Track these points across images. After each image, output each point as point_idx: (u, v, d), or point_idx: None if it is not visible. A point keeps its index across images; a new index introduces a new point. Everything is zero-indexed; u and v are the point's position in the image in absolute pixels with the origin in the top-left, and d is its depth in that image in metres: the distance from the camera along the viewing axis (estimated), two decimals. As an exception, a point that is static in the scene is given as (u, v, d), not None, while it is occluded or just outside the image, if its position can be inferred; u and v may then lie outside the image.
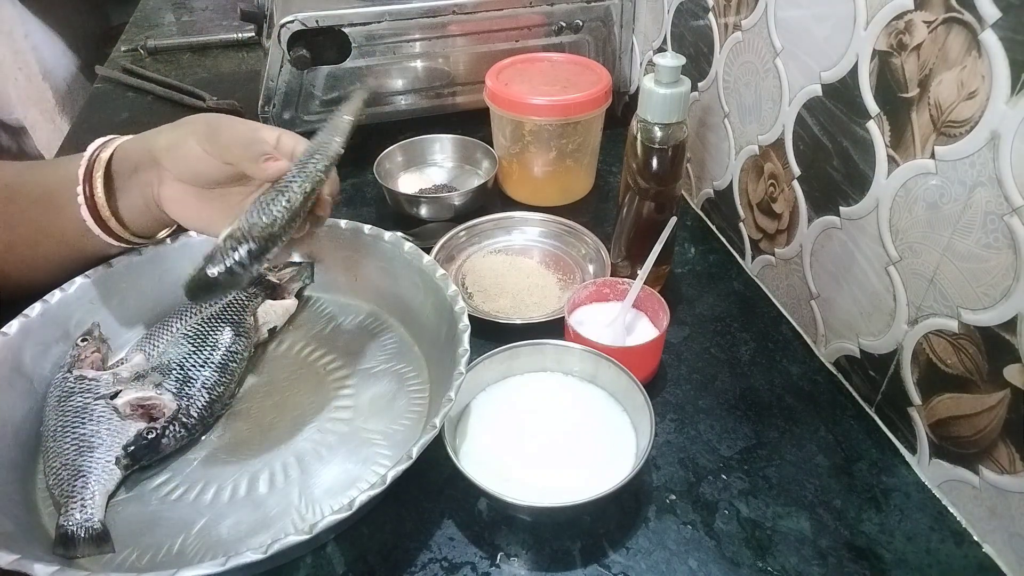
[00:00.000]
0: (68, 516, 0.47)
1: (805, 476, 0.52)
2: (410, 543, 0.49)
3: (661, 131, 0.58)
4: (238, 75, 1.10)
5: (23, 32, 1.42)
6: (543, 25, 0.86)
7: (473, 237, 0.74)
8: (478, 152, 0.85)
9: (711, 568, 0.47)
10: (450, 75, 0.87)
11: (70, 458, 0.49)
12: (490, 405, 0.55)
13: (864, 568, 0.47)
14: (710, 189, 0.77)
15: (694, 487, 0.52)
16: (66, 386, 0.53)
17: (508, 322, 0.63)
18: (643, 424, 0.50)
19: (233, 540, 0.48)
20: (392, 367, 0.60)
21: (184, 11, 1.35)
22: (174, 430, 0.52)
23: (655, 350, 0.58)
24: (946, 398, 0.48)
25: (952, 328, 0.47)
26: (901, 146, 0.49)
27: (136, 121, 0.99)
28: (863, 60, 0.51)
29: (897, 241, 0.51)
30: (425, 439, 0.45)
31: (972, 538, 0.48)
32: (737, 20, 0.66)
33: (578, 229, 0.73)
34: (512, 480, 0.49)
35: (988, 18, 0.41)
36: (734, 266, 0.73)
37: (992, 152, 0.42)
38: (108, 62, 1.15)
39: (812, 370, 0.61)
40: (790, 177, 0.62)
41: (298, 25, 0.76)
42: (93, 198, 0.55)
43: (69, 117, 1.48)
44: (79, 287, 0.58)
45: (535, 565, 0.48)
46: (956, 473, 0.49)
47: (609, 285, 0.62)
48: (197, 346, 0.57)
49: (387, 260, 0.63)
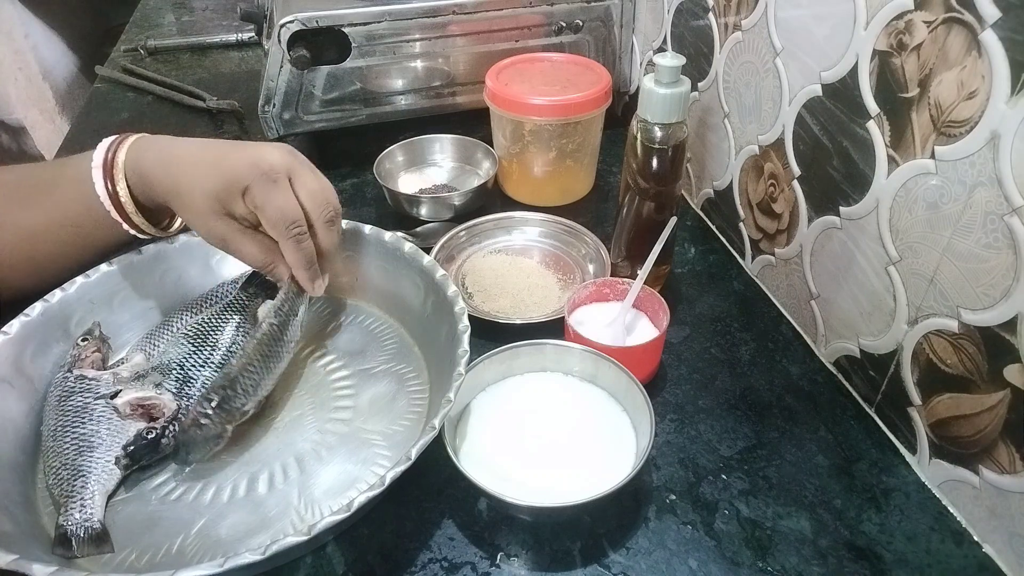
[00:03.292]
0: (67, 516, 0.47)
1: (805, 476, 0.52)
2: (410, 543, 0.49)
3: (661, 131, 0.58)
4: (238, 75, 1.10)
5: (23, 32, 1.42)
6: (543, 25, 0.86)
7: (473, 237, 0.74)
8: (478, 152, 0.85)
9: (711, 568, 0.47)
10: (450, 75, 0.87)
11: (70, 458, 0.49)
12: (490, 405, 0.55)
13: (864, 568, 0.47)
14: (710, 189, 0.77)
15: (694, 487, 0.52)
16: (66, 386, 0.53)
17: (508, 322, 0.63)
18: (643, 424, 0.50)
19: (232, 540, 0.48)
20: (392, 367, 0.60)
21: (184, 11, 1.35)
22: (174, 430, 0.52)
23: (655, 350, 0.58)
24: (946, 398, 0.48)
25: (952, 328, 0.47)
26: (901, 146, 0.49)
27: (136, 121, 0.99)
28: (863, 60, 0.51)
29: (897, 241, 0.51)
30: (424, 440, 0.45)
31: (972, 538, 0.48)
32: (737, 20, 0.66)
33: (578, 229, 0.73)
34: (512, 480, 0.49)
35: (988, 18, 0.40)
36: (734, 266, 0.73)
37: (992, 152, 0.41)
38: (108, 62, 1.15)
39: (812, 370, 0.61)
40: (790, 177, 0.62)
41: (298, 25, 0.76)
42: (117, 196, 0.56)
43: (69, 117, 1.48)
44: (79, 287, 0.58)
45: (535, 565, 0.47)
46: (956, 473, 0.49)
47: (609, 285, 0.62)
48: (197, 346, 0.57)
49: (387, 260, 0.63)
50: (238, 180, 0.52)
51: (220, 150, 0.54)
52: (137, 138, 0.58)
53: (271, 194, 0.52)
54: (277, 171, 0.52)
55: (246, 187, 0.52)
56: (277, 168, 0.52)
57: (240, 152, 0.53)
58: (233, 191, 0.52)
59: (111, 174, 0.56)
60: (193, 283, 0.64)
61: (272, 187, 0.52)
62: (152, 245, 0.62)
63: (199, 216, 0.54)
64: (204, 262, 0.65)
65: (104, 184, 0.56)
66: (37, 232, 0.58)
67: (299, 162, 0.54)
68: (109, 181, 0.56)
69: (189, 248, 0.64)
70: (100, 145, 0.57)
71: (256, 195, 0.52)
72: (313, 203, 0.53)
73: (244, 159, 0.52)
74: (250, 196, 0.52)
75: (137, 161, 0.56)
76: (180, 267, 0.64)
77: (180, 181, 0.54)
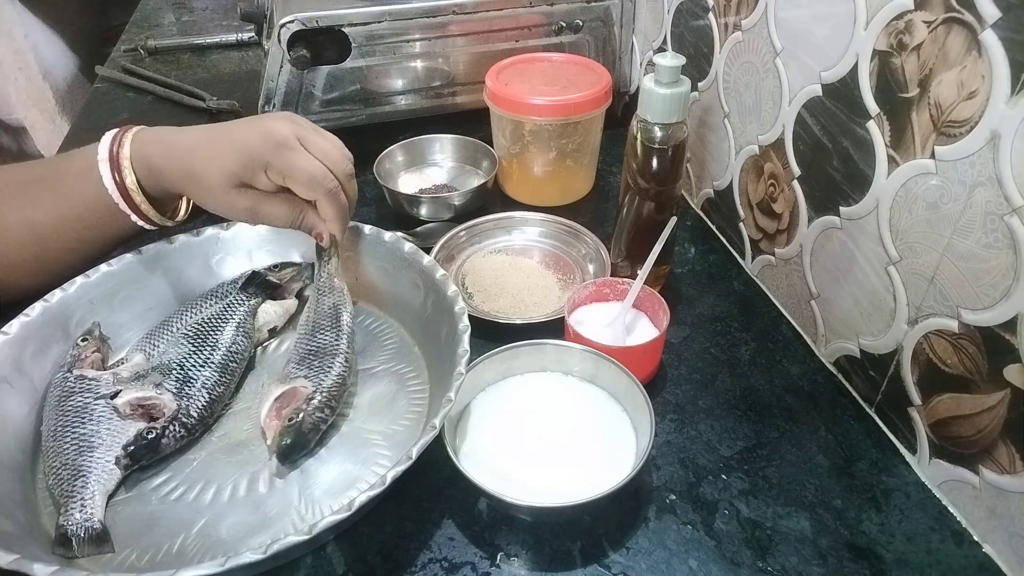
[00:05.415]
0: (68, 516, 0.47)
1: (805, 476, 0.52)
2: (410, 543, 0.49)
3: (661, 131, 0.58)
4: (238, 75, 1.10)
5: (23, 32, 1.42)
6: (543, 25, 0.86)
7: (473, 237, 0.74)
8: (478, 152, 0.85)
9: (711, 568, 0.47)
10: (450, 75, 0.87)
11: (70, 458, 0.49)
12: (490, 405, 0.55)
13: (864, 568, 0.47)
14: (710, 189, 0.77)
15: (694, 487, 0.52)
16: (66, 386, 0.53)
17: (508, 322, 0.63)
18: (643, 424, 0.50)
19: (232, 540, 0.48)
20: (392, 367, 0.60)
21: (184, 11, 1.35)
22: (174, 430, 0.52)
23: (655, 350, 0.58)
24: (946, 398, 0.48)
25: (952, 328, 0.47)
26: (901, 146, 0.49)
27: (136, 121, 0.98)
28: (863, 60, 0.51)
29: (897, 241, 0.51)
30: (425, 439, 0.45)
31: (972, 538, 0.48)
32: (737, 20, 0.66)
33: (578, 229, 0.73)
34: (512, 480, 0.49)
35: (988, 18, 0.41)
36: (734, 266, 0.73)
37: (992, 152, 0.42)
38: (108, 62, 1.15)
39: (812, 370, 0.61)
40: (790, 177, 0.62)
41: (298, 25, 0.76)
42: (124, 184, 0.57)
43: (69, 117, 1.47)
44: (79, 287, 0.59)
45: (535, 565, 0.47)
46: (956, 473, 0.49)
47: (609, 285, 0.62)
48: (197, 346, 0.57)
49: (387, 260, 0.64)
50: (257, 156, 0.54)
51: (226, 130, 0.56)
52: (138, 130, 0.59)
53: (293, 160, 0.54)
54: (289, 139, 0.54)
55: (266, 162, 0.54)
56: (288, 137, 0.54)
57: (247, 128, 0.55)
58: (253, 167, 0.54)
59: (118, 166, 0.57)
60: (193, 283, 0.64)
61: (291, 154, 0.54)
62: (152, 245, 0.62)
63: (219, 194, 0.56)
64: (204, 262, 0.65)
65: (112, 176, 0.57)
66: (43, 228, 0.59)
67: (303, 127, 0.56)
68: (117, 173, 0.57)
69: (189, 248, 0.64)
70: (104, 139, 0.58)
71: (280, 166, 0.54)
72: (329, 160, 0.56)
73: (255, 134, 0.54)
74: (273, 169, 0.54)
75: (143, 153, 0.57)
76: (180, 267, 0.64)
77: (193, 165, 0.56)
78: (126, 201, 0.58)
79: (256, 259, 0.66)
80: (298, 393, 0.53)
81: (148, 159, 0.57)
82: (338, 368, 0.55)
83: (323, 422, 0.53)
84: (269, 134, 0.54)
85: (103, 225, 0.60)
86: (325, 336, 0.57)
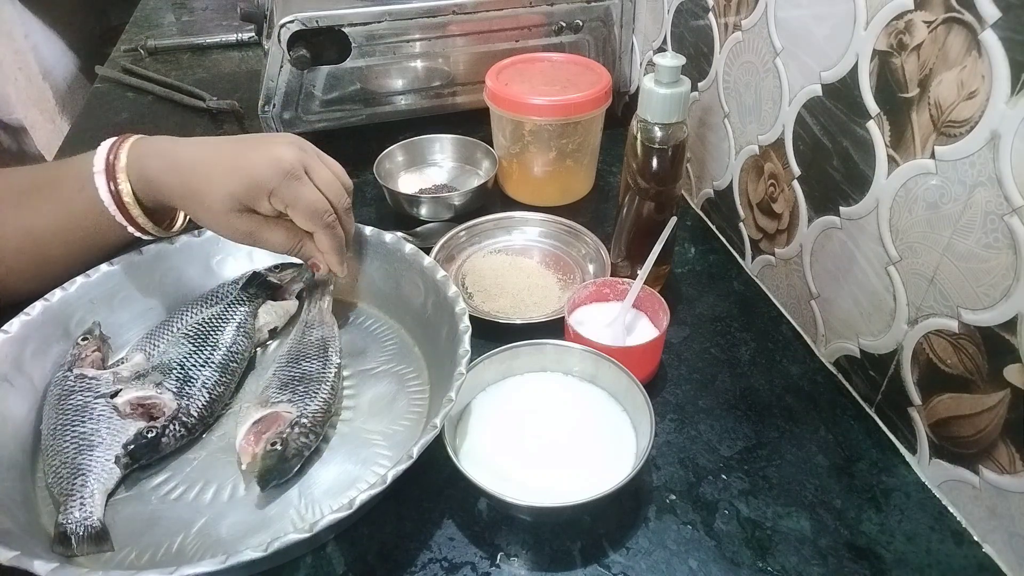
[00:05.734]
0: (67, 514, 0.47)
1: (805, 476, 0.52)
2: (410, 543, 0.49)
3: (661, 131, 0.58)
4: (238, 75, 1.11)
5: (23, 32, 1.42)
6: (543, 25, 0.86)
7: (473, 237, 0.74)
8: (478, 152, 0.85)
9: (711, 568, 0.47)
10: (450, 75, 0.87)
11: (69, 456, 0.49)
12: (490, 405, 0.55)
13: (864, 568, 0.47)
14: (710, 189, 0.77)
15: (694, 487, 0.52)
16: (66, 384, 0.53)
17: (508, 322, 0.63)
18: (643, 424, 0.50)
19: (232, 540, 0.48)
20: (392, 368, 0.60)
21: (184, 11, 1.35)
22: (174, 429, 0.52)
23: (655, 350, 0.58)
24: (946, 398, 0.48)
25: (952, 328, 0.47)
26: (901, 146, 0.49)
27: (136, 121, 0.99)
28: (863, 60, 0.51)
29: (897, 241, 0.51)
30: (426, 439, 0.45)
31: (972, 538, 0.48)
32: (737, 20, 0.66)
33: (578, 229, 0.73)
34: (512, 480, 0.49)
35: (988, 18, 0.41)
36: (734, 266, 0.73)
37: (992, 152, 0.42)
38: (108, 62, 1.15)
39: (812, 370, 0.61)
40: (790, 177, 0.62)
41: (298, 25, 0.76)
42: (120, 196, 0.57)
43: (69, 117, 1.47)
44: (79, 287, 0.59)
45: (535, 565, 0.47)
46: (956, 473, 0.49)
47: (609, 285, 0.62)
48: (198, 346, 0.57)
49: (388, 261, 0.64)
50: (262, 183, 0.54)
51: (231, 151, 0.56)
52: (136, 139, 0.58)
53: (298, 192, 0.54)
54: (296, 168, 0.54)
55: (271, 190, 0.54)
56: (296, 166, 0.54)
57: (254, 152, 0.55)
58: (258, 193, 0.54)
59: (114, 177, 0.56)
60: (193, 283, 0.64)
61: (297, 184, 0.54)
62: (153, 245, 0.62)
63: (220, 216, 0.56)
64: (204, 262, 0.65)
65: (107, 187, 0.56)
66: (42, 235, 0.58)
67: (309, 154, 0.56)
68: (112, 183, 0.56)
69: (189, 248, 0.64)
70: (100, 148, 0.57)
71: (284, 195, 0.54)
72: (331, 192, 0.56)
73: (262, 161, 0.54)
74: (277, 197, 0.54)
75: (140, 166, 0.57)
76: (180, 267, 0.64)
77: (194, 185, 0.55)
78: (122, 213, 0.57)
79: (257, 260, 0.66)
80: (280, 417, 0.52)
81: (145, 172, 0.56)
82: (324, 394, 0.54)
83: (307, 448, 0.51)
84: (277, 162, 0.53)
85: (100, 233, 0.59)
86: (311, 364, 0.56)
